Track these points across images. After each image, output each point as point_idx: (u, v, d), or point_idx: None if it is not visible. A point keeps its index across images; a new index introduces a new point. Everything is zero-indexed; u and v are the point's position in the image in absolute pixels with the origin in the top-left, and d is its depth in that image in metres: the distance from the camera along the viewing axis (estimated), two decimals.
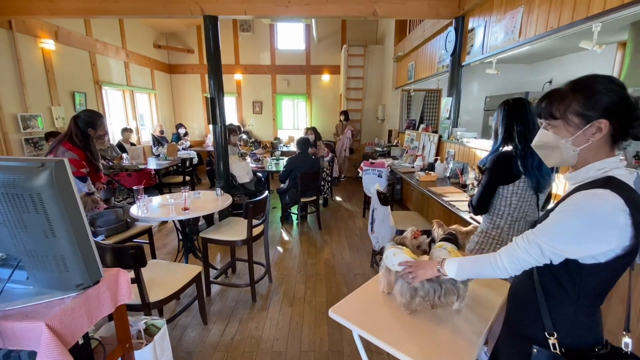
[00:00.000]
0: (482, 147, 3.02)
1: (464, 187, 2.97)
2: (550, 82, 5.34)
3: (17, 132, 4.22)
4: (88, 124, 2.51)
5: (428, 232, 1.55)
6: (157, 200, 2.79)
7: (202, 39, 7.96)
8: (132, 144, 5.89)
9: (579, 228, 0.75)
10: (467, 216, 2.13)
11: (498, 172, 1.55)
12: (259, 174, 4.80)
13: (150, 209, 2.55)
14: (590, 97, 0.79)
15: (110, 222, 2.57)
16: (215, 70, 3.69)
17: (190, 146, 7.37)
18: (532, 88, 5.20)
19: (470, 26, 3.41)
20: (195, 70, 8.22)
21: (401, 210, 4.76)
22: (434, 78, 4.72)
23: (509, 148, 1.56)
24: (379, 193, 2.73)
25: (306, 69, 8.27)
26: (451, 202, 2.47)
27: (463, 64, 3.55)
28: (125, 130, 5.79)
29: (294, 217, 4.64)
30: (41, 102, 4.60)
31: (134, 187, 2.63)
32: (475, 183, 2.65)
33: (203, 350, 2.03)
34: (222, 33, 3.72)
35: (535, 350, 0.85)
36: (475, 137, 3.36)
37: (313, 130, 5.56)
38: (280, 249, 3.64)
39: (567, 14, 2.05)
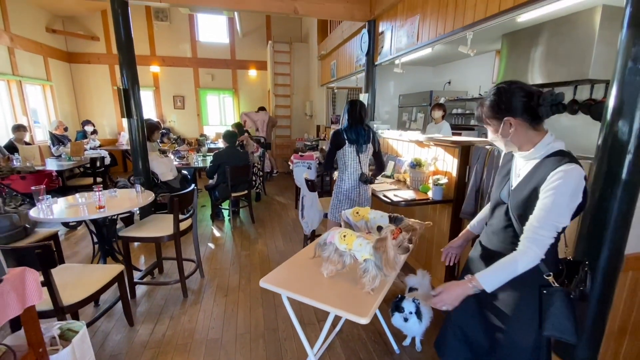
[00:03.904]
0: (393, 137, 3.42)
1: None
2: (449, 82, 6.20)
3: None
4: None
5: None
6: (63, 201, 2.51)
7: (108, 25, 7.14)
8: (27, 144, 5.05)
9: (569, 202, 0.95)
10: (388, 199, 2.41)
11: (334, 141, 2.38)
12: (184, 172, 4.58)
13: (56, 211, 2.29)
14: (493, 104, 1.06)
15: (4, 229, 2.24)
16: (128, 61, 3.40)
17: (100, 145, 6.59)
18: (435, 88, 5.97)
19: (380, 29, 3.81)
20: (103, 60, 7.35)
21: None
22: (354, 76, 5.11)
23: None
24: (306, 180, 2.91)
25: (231, 64, 8.06)
26: (374, 189, 2.75)
27: (376, 63, 3.95)
28: (19, 129, 4.93)
29: (226, 212, 4.57)
30: None
31: (33, 188, 2.33)
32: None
33: (131, 350, 1.93)
34: (133, 21, 3.44)
35: (544, 291, 1.03)
36: (388, 129, 3.78)
37: (237, 126, 5.48)
38: (211, 245, 3.57)
39: (450, 23, 2.49)
